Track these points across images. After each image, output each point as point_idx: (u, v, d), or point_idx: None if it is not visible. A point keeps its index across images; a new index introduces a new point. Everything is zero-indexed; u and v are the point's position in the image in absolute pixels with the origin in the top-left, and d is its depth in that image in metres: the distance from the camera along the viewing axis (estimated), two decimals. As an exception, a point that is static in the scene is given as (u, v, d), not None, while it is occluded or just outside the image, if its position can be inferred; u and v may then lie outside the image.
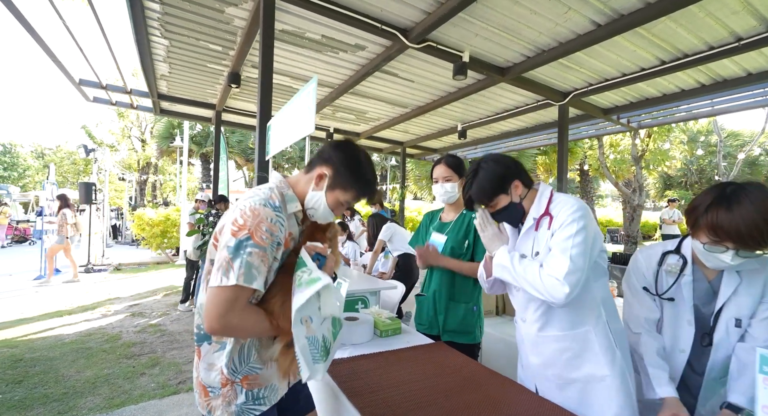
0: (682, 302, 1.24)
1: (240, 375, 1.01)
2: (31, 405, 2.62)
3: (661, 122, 5.99)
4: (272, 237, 0.95)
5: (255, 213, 0.93)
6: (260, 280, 0.93)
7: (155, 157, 23.92)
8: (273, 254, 0.97)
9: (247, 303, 0.94)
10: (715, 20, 3.15)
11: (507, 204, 1.30)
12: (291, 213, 1.06)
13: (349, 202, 1.10)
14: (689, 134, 16.29)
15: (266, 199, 0.98)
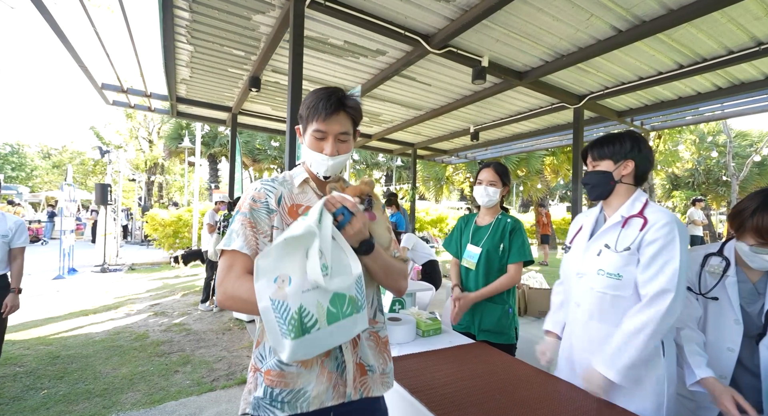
0: (726, 301, 1.30)
1: (265, 365, 0.93)
2: (76, 399, 2.73)
3: (674, 125, 6.03)
4: (255, 203, 0.96)
5: (245, 193, 1.01)
6: (239, 241, 0.91)
7: (162, 158, 24.18)
8: (264, 220, 0.95)
9: (243, 271, 0.89)
10: (737, 26, 3.21)
11: (605, 170, 1.38)
12: (299, 184, 1.04)
13: (316, 130, 0.98)
14: (697, 134, 16.24)
15: (262, 180, 1.04)
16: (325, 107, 0.96)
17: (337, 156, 1.00)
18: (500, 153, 9.00)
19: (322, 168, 1.01)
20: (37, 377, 3.07)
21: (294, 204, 1.01)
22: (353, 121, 1.03)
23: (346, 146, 1.02)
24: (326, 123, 0.98)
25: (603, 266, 1.32)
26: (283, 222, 0.97)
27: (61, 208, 8.00)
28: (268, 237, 0.95)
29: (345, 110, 0.99)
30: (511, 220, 2.04)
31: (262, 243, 0.94)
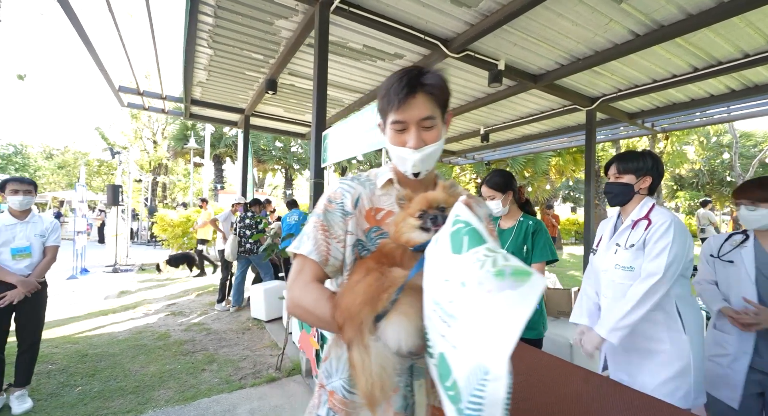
0: (741, 264, 1.64)
1: (330, 384, 0.86)
2: (110, 396, 2.80)
3: (684, 126, 6.09)
4: (330, 203, 0.88)
5: (325, 191, 0.93)
6: (308, 245, 0.84)
7: (167, 158, 24.28)
8: (338, 223, 0.86)
9: (313, 277, 0.83)
10: (755, 29, 3.27)
11: (627, 183, 1.67)
12: (382, 184, 0.91)
13: (393, 121, 0.84)
14: (703, 134, 16.27)
15: (342, 178, 0.95)
16: (397, 92, 0.81)
17: (424, 147, 0.83)
18: (509, 154, 9.05)
19: (408, 164, 0.85)
20: (69, 374, 3.14)
21: (373, 207, 0.89)
22: (438, 101, 0.84)
23: (434, 133, 0.84)
24: (402, 110, 0.82)
25: (618, 261, 1.64)
26: (357, 228, 0.86)
27: (75, 208, 8.08)
28: (341, 243, 0.85)
29: (423, 91, 0.81)
30: (533, 222, 2.12)
31: (335, 249, 0.84)
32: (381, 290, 0.68)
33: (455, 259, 0.57)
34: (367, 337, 0.65)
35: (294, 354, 3.54)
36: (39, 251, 2.72)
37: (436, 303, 0.58)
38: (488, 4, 3.17)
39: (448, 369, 0.54)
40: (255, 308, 4.79)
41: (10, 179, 2.69)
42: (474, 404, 0.49)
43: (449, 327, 0.54)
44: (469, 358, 0.50)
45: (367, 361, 0.64)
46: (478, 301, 0.50)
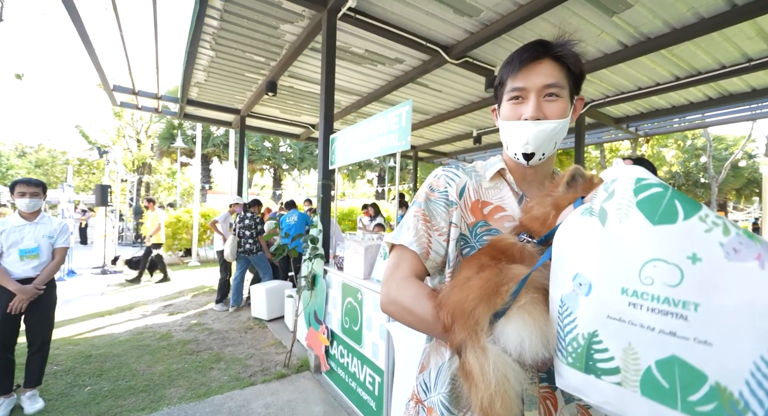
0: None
1: (429, 400, 0.77)
2: (122, 395, 2.83)
3: (664, 131, 6.43)
4: (432, 192, 0.80)
5: (424, 183, 0.85)
6: (408, 235, 0.77)
7: (151, 158, 23.75)
8: (440, 214, 0.78)
9: (412, 272, 0.75)
10: (731, 44, 3.53)
11: None
12: (491, 176, 0.82)
13: (511, 89, 0.75)
14: (678, 137, 17.02)
15: (445, 166, 0.88)
16: (520, 55, 0.73)
17: (543, 121, 0.71)
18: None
19: (520, 141, 0.73)
20: (76, 375, 3.14)
21: (480, 199, 0.79)
22: (568, 73, 0.73)
23: (558, 107, 0.71)
24: (523, 75, 0.72)
25: None
26: (462, 220, 0.78)
27: (62, 209, 7.90)
28: (444, 236, 0.77)
29: (551, 56, 0.72)
30: None
31: (436, 242, 0.76)
32: (500, 285, 0.59)
33: (665, 231, 0.46)
34: (484, 339, 0.55)
35: (300, 351, 3.61)
36: (47, 252, 2.72)
37: (635, 294, 0.46)
38: (489, 14, 3.33)
39: (695, 375, 0.43)
40: (256, 307, 4.83)
41: (18, 181, 2.68)
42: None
43: (684, 319, 0.43)
44: (748, 349, 0.41)
45: (486, 367, 0.54)
46: (741, 273, 0.42)
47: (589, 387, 0.50)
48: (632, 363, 0.47)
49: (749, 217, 19.70)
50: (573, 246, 0.54)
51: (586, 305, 0.51)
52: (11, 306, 2.47)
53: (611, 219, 0.51)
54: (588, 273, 0.51)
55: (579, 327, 0.51)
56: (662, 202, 0.48)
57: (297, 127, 7.70)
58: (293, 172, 22.72)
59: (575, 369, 0.51)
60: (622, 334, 0.47)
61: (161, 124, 19.60)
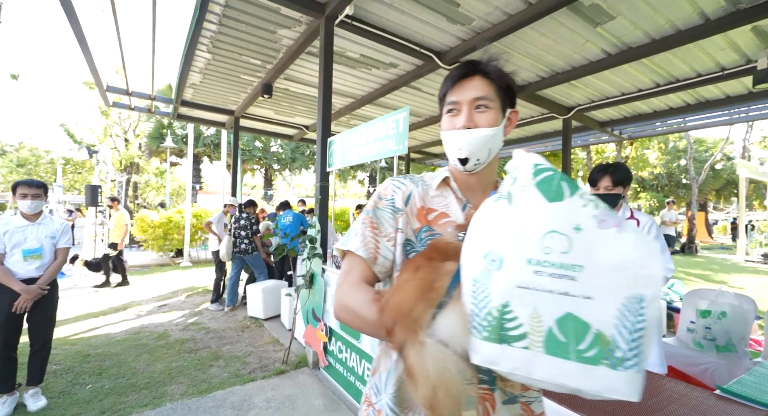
0: None
1: (379, 402, 0.79)
2: (124, 392, 2.88)
3: (647, 134, 6.69)
4: (380, 200, 0.85)
5: (374, 193, 0.90)
6: (355, 241, 0.81)
7: (139, 157, 23.40)
8: (387, 220, 0.82)
9: (361, 277, 0.78)
10: (706, 54, 3.75)
11: (618, 193, 2.03)
12: (437, 185, 0.87)
13: (447, 103, 0.84)
14: (661, 140, 17.54)
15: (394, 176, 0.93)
16: (453, 74, 0.82)
17: (474, 129, 0.78)
18: (489, 157, 9.50)
19: (454, 147, 0.81)
20: (76, 374, 3.18)
21: (425, 206, 0.84)
22: (495, 87, 0.81)
23: (488, 117, 0.79)
24: (456, 89, 0.81)
25: None
26: (408, 226, 0.82)
27: (51, 209, 7.80)
28: (391, 241, 0.81)
29: (480, 73, 0.80)
30: None
31: (384, 248, 0.81)
32: (434, 281, 0.63)
33: (557, 207, 0.55)
34: (423, 335, 0.57)
35: (298, 349, 3.70)
36: (50, 252, 2.77)
37: (538, 263, 0.53)
38: (480, 23, 3.48)
39: (582, 327, 0.50)
40: (252, 307, 4.90)
41: (20, 182, 2.72)
42: (635, 341, 0.49)
43: (573, 280, 0.52)
44: (615, 299, 0.50)
45: (425, 360, 0.55)
46: (608, 238, 0.53)
47: (501, 356, 0.54)
48: (536, 326, 0.53)
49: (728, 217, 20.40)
50: (485, 227, 0.61)
51: (498, 279, 0.56)
52: (16, 306, 2.51)
53: (516, 200, 0.59)
54: (499, 248, 0.57)
55: (493, 302, 0.55)
56: (553, 182, 0.57)
57: (290, 128, 7.76)
58: (284, 172, 22.65)
59: (490, 341, 0.55)
60: (529, 301, 0.53)
61: (150, 123, 19.34)
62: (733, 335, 2.51)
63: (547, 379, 0.52)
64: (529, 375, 0.53)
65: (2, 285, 2.54)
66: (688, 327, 2.78)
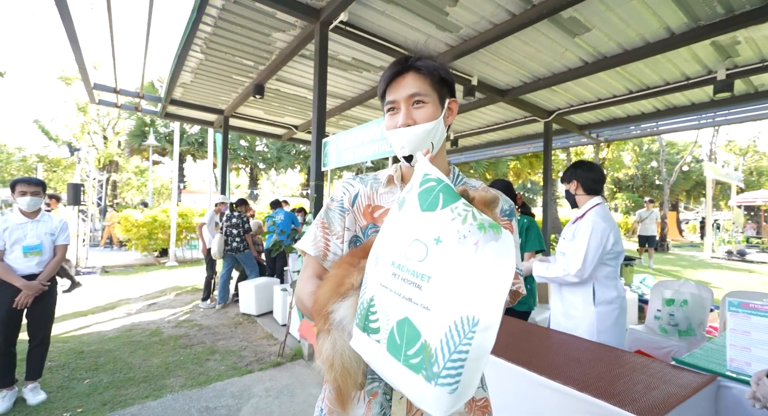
0: None
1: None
2: (122, 386, 2.95)
3: (622, 137, 7.09)
4: (332, 202, 0.92)
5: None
6: (307, 241, 0.89)
7: (119, 155, 22.78)
8: (337, 220, 0.89)
9: (313, 272, 0.87)
10: (672, 65, 4.07)
11: (567, 189, 2.20)
12: (385, 182, 0.91)
13: (386, 103, 0.85)
14: (636, 142, 18.34)
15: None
16: (386, 73, 0.84)
17: (414, 126, 0.80)
18: (474, 158, 9.79)
19: (397, 145, 0.83)
20: (72, 369, 3.21)
21: (371, 205, 0.90)
22: (429, 81, 0.81)
23: (425, 112, 0.80)
24: (392, 88, 0.82)
25: (561, 249, 2.14)
26: (355, 224, 0.89)
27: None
28: (340, 239, 0.89)
29: (412, 70, 0.81)
30: (527, 220, 2.65)
31: (334, 245, 0.88)
32: (346, 276, 0.69)
33: (427, 217, 0.57)
34: (329, 324, 0.65)
35: (292, 343, 3.82)
36: (49, 249, 2.81)
37: (398, 266, 0.57)
38: (467, 31, 3.68)
39: (414, 334, 0.52)
40: (245, 303, 4.97)
41: (18, 180, 2.75)
42: (455, 361, 0.48)
43: (419, 288, 0.53)
44: (449, 315, 0.50)
45: (328, 349, 0.63)
46: (462, 254, 0.52)
47: (363, 344, 0.59)
48: (386, 323, 0.56)
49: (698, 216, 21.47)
50: (383, 227, 0.66)
51: (373, 275, 0.62)
52: (17, 302, 2.55)
53: (404, 206, 0.63)
54: (380, 248, 0.63)
55: (366, 293, 0.61)
56: (432, 193, 0.59)
57: (280, 128, 7.82)
58: (270, 171, 22.49)
59: (358, 328, 0.61)
60: (384, 299, 0.57)
61: (131, 120, 18.88)
62: (693, 320, 2.78)
63: (385, 375, 0.56)
64: (377, 368, 0.57)
65: (2, 283, 2.57)
66: (655, 314, 3.04)
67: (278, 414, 2.56)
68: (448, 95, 0.86)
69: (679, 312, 2.84)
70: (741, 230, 12.17)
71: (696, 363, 1.58)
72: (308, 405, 2.70)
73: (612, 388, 1.34)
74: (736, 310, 1.55)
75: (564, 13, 3.28)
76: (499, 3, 3.20)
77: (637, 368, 1.56)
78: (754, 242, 13.22)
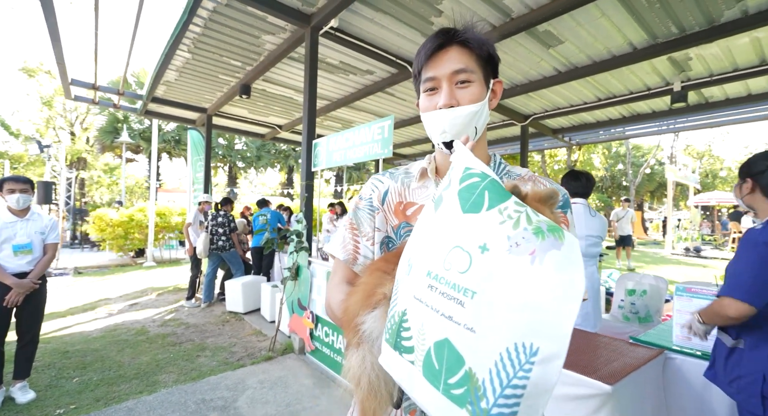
0: None
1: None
2: (114, 383, 2.97)
3: (592, 141, 7.56)
4: (361, 200, 0.85)
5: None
6: (336, 245, 0.84)
7: (88, 152, 21.81)
8: (366, 220, 0.82)
9: (342, 278, 0.81)
10: (636, 76, 4.45)
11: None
12: (419, 175, 0.83)
13: (424, 80, 0.75)
14: (605, 146, 19.33)
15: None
16: (426, 45, 0.74)
17: (457, 107, 0.70)
18: (454, 159, 10.09)
19: (438, 129, 0.73)
20: (59, 369, 3.20)
21: (404, 201, 0.81)
22: (476, 56, 0.72)
23: (471, 92, 0.71)
24: (432, 64, 0.73)
25: None
26: (387, 224, 0.81)
27: None
28: (370, 241, 0.81)
29: (457, 42, 0.72)
30: None
31: (364, 247, 0.81)
32: (378, 286, 0.62)
33: (469, 220, 0.48)
34: (359, 337, 0.59)
35: (282, 337, 3.92)
36: (39, 248, 2.81)
37: (435, 277, 0.48)
38: (451, 40, 3.89)
39: (456, 359, 0.44)
40: (231, 302, 5.01)
41: (7, 178, 2.74)
42: (508, 398, 0.40)
43: (461, 304, 0.45)
44: (499, 340, 0.42)
45: (355, 365, 0.58)
46: (515, 266, 0.43)
47: (394, 363, 0.51)
48: (421, 343, 0.47)
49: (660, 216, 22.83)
50: (416, 229, 0.57)
51: (405, 284, 0.53)
52: (8, 300, 2.55)
53: (441, 206, 0.53)
54: (414, 254, 0.54)
55: (398, 306, 0.52)
56: (475, 191, 0.50)
57: (263, 127, 7.83)
58: (249, 170, 22.17)
59: (389, 344, 0.52)
60: (419, 315, 0.48)
61: (102, 116, 18.14)
62: (651, 308, 3.11)
63: (420, 402, 0.48)
64: (410, 392, 0.49)
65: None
66: (619, 304, 3.36)
67: (274, 403, 2.68)
68: (492, 75, 0.76)
69: (639, 301, 3.16)
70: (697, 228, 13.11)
71: (649, 340, 1.84)
72: (302, 395, 2.83)
73: (579, 361, 1.56)
74: (681, 294, 1.82)
75: (540, 27, 3.54)
76: (481, 15, 3.43)
77: (600, 345, 1.79)
78: (707, 239, 14.26)
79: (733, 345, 1.31)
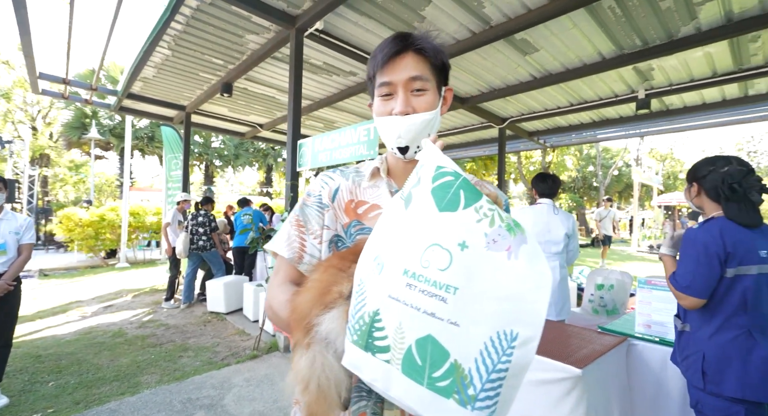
0: None
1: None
2: (93, 385, 2.91)
3: (565, 143, 7.92)
4: (309, 197, 0.83)
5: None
6: (279, 241, 0.81)
7: (52, 148, 20.68)
8: (314, 218, 0.81)
9: (286, 277, 0.78)
10: (604, 83, 4.73)
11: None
12: (370, 175, 0.83)
13: (379, 85, 0.75)
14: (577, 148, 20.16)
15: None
16: (382, 49, 0.73)
17: (413, 114, 0.72)
18: (434, 159, 10.29)
19: (392, 135, 0.75)
20: (32, 373, 3.09)
21: (355, 199, 0.82)
22: (431, 65, 0.74)
23: (426, 100, 0.73)
24: (388, 70, 0.73)
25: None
26: (336, 222, 0.81)
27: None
28: (318, 239, 0.80)
29: (413, 49, 0.73)
30: None
31: (311, 246, 0.79)
32: (333, 284, 0.61)
33: (447, 218, 0.50)
34: (310, 337, 0.57)
35: (266, 337, 3.93)
36: (14, 248, 2.72)
37: (413, 275, 0.49)
38: (433, 45, 4.02)
39: (441, 353, 0.46)
40: (213, 302, 4.96)
41: (-23, 176, 2.64)
42: (493, 381, 0.44)
43: (443, 301, 0.46)
44: (483, 330, 0.45)
45: (304, 367, 0.56)
46: (494, 262, 0.47)
47: (364, 364, 0.51)
48: (399, 342, 0.48)
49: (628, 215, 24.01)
50: (381, 228, 0.57)
51: (376, 284, 0.52)
52: None
53: (411, 204, 0.54)
54: (384, 253, 0.53)
55: (367, 306, 0.52)
56: (450, 190, 0.51)
57: (244, 126, 7.73)
58: (227, 169, 21.68)
59: (357, 346, 0.52)
60: (396, 314, 0.49)
61: (68, 110, 17.26)
62: (618, 301, 3.34)
63: (400, 399, 0.49)
64: (386, 391, 0.50)
65: (-39, 283, 2.47)
66: (589, 298, 3.59)
67: (261, 400, 2.71)
68: (443, 83, 0.79)
69: (607, 295, 3.38)
70: (660, 227, 13.93)
71: (614, 329, 2.02)
72: (289, 391, 2.87)
73: (553, 349, 1.70)
74: (642, 286, 2.00)
75: (517, 35, 3.72)
76: (462, 22, 3.57)
77: (572, 335, 1.95)
78: (670, 237, 15.05)
79: (682, 329, 1.49)
